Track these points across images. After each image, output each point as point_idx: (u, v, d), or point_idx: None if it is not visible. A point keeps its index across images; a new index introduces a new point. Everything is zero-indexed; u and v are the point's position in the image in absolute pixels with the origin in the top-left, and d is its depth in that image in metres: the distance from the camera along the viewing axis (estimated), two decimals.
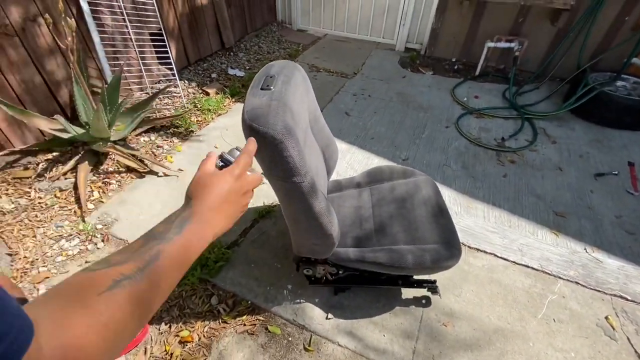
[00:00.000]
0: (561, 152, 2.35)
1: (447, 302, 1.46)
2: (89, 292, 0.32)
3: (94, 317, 0.31)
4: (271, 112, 0.92)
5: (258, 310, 1.40)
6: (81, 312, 0.30)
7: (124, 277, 0.34)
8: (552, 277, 1.58)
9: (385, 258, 1.23)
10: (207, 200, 0.45)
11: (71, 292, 0.32)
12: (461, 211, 1.88)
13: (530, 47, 3.14)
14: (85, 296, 0.31)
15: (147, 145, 2.18)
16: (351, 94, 2.94)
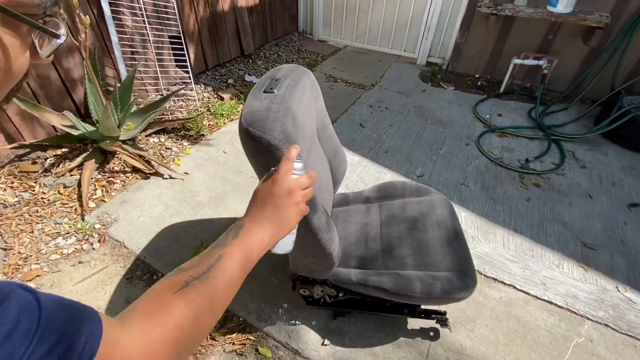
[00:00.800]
0: (591, 177, 2.17)
1: (458, 336, 1.31)
2: (167, 292, 0.39)
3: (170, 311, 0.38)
4: (270, 116, 0.84)
5: (249, 329, 1.30)
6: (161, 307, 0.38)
7: (193, 278, 0.41)
8: (579, 317, 1.41)
9: (391, 284, 1.11)
10: (255, 207, 0.53)
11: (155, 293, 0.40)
12: (478, 236, 1.73)
13: (560, 65, 2.98)
14: (164, 295, 0.39)
15: (156, 147, 2.16)
16: (367, 106, 2.85)
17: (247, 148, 0.85)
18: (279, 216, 0.52)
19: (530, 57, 2.94)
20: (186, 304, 0.39)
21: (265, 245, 0.50)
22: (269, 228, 0.51)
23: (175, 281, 0.41)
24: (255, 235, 0.49)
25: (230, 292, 0.45)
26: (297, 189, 0.54)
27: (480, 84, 3.27)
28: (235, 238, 0.47)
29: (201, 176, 1.99)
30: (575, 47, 2.88)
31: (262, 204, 0.53)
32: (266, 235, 0.50)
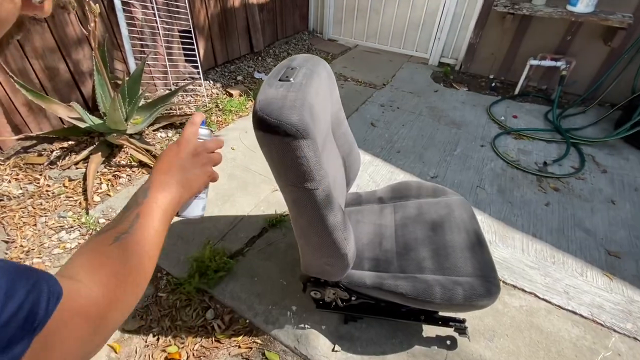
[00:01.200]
0: (613, 183, 2.08)
1: (477, 346, 1.24)
2: (102, 246, 0.41)
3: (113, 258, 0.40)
4: (287, 104, 0.78)
5: (256, 332, 1.24)
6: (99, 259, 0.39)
7: (120, 233, 0.42)
8: (605, 329, 1.32)
9: (408, 288, 1.04)
10: (160, 169, 0.51)
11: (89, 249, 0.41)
12: (496, 240, 1.66)
13: (578, 67, 2.89)
14: (100, 249, 0.40)
15: (163, 141, 2.11)
16: (379, 105, 2.79)
17: (262, 138, 0.79)
18: (186, 177, 0.52)
19: (548, 58, 2.85)
20: (123, 251, 0.41)
21: (176, 202, 0.50)
22: (176, 188, 0.51)
23: (105, 238, 0.42)
24: (163, 193, 0.49)
25: (156, 243, 0.46)
26: (203, 152, 0.55)
27: (494, 85, 3.18)
28: (146, 197, 0.47)
29: None
30: (594, 48, 2.79)
31: (167, 165, 0.52)
32: (175, 193, 0.50)
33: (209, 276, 1.37)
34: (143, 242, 0.43)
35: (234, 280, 1.40)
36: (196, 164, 0.53)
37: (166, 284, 1.37)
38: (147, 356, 1.16)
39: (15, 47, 1.71)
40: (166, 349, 1.17)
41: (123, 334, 1.21)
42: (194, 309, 1.29)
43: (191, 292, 1.33)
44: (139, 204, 0.46)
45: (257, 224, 1.66)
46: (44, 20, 1.78)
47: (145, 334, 1.22)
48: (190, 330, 1.23)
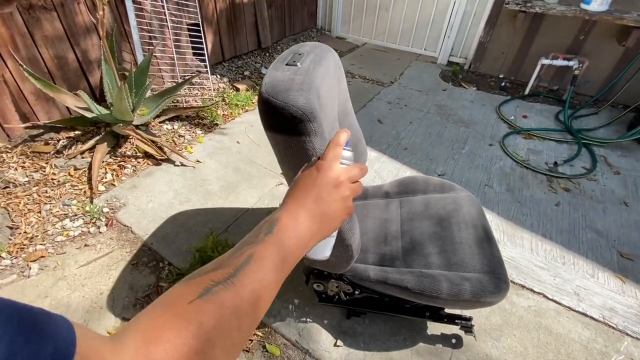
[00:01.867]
0: (626, 184, 2.03)
1: (483, 346, 1.20)
2: (180, 302, 0.29)
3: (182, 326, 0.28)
4: (294, 86, 0.76)
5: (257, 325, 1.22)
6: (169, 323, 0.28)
7: (215, 283, 0.31)
8: (617, 333, 1.28)
9: (414, 282, 1.01)
10: (295, 198, 0.42)
11: (162, 304, 0.30)
12: (504, 239, 1.62)
13: (591, 67, 2.83)
14: (175, 306, 0.29)
15: (169, 134, 2.11)
16: (386, 102, 2.76)
17: (267, 122, 0.78)
18: (323, 211, 0.42)
19: (560, 57, 2.80)
20: (203, 319, 0.29)
21: (304, 245, 0.40)
22: (310, 224, 0.40)
23: (192, 287, 0.31)
24: (293, 232, 0.39)
25: (262, 302, 0.34)
26: (346, 181, 0.44)
27: (504, 85, 3.13)
28: (270, 234, 0.37)
29: (213, 165, 1.93)
30: (608, 48, 2.73)
31: (303, 194, 0.42)
32: (307, 232, 0.40)
33: None
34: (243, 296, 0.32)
35: None
36: (336, 196, 0.43)
37: (168, 274, 1.36)
38: None
39: (25, 36, 1.72)
40: None
41: (123, 322, 1.20)
42: None
43: None
44: (258, 241, 0.36)
45: (260, 217, 1.64)
46: (54, 9, 1.78)
47: None
48: None
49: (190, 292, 0.30)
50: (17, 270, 1.32)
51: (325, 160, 0.44)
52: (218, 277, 0.32)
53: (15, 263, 1.34)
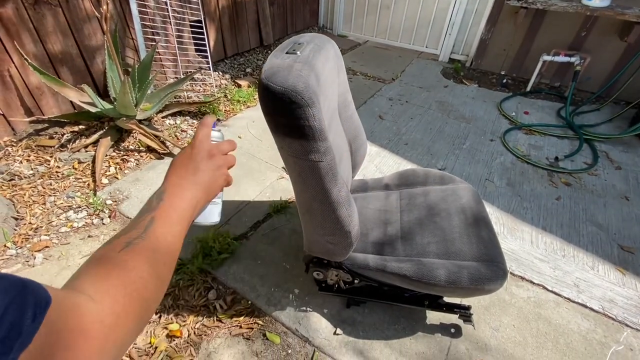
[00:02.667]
0: (627, 179, 2.02)
1: (482, 335, 1.21)
2: (111, 254, 0.36)
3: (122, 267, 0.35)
4: (293, 72, 0.78)
5: (258, 313, 1.23)
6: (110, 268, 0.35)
7: (133, 238, 0.38)
8: (617, 324, 1.28)
9: (412, 270, 1.02)
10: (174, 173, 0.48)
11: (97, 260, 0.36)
12: (504, 232, 1.62)
13: (593, 64, 2.83)
14: (108, 255, 0.36)
15: (172, 129, 2.13)
16: (387, 99, 2.77)
17: (267, 107, 0.79)
18: (202, 179, 0.49)
19: (561, 53, 2.80)
20: (134, 258, 0.36)
21: (192, 207, 0.46)
22: (193, 191, 0.47)
23: (115, 245, 0.37)
24: (179, 198, 0.45)
25: (173, 249, 0.42)
26: (218, 153, 0.52)
27: (505, 82, 3.13)
28: (161, 201, 0.44)
29: None
30: (610, 44, 2.73)
31: (181, 169, 0.49)
32: (192, 197, 0.46)
33: (212, 257, 1.37)
34: (158, 247, 0.39)
35: (237, 263, 1.39)
36: (211, 165, 0.51)
37: None
38: (149, 332, 1.16)
39: (30, 30, 1.74)
40: (168, 327, 1.17)
41: None
42: (196, 289, 1.29)
43: (194, 273, 1.33)
44: (154, 208, 0.43)
45: (261, 209, 1.65)
46: (58, 4, 1.81)
47: None
48: (192, 310, 1.23)
49: (116, 246, 0.37)
50: (22, 260, 1.34)
51: (197, 137, 0.51)
52: (132, 235, 0.39)
53: (20, 253, 1.36)
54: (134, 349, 1.11)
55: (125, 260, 0.35)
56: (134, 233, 0.39)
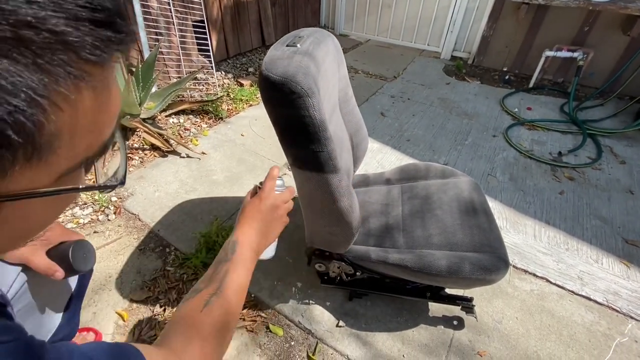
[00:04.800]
0: (632, 174, 2.01)
1: (485, 327, 1.21)
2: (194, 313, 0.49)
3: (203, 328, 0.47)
4: (293, 63, 0.79)
5: (261, 306, 1.24)
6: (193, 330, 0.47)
7: (210, 295, 0.50)
8: (621, 316, 1.27)
9: (413, 261, 1.03)
10: (246, 222, 0.62)
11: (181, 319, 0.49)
12: (507, 226, 1.62)
13: (596, 59, 2.81)
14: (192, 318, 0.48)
15: (175, 127, 2.15)
16: (389, 96, 2.78)
17: (267, 99, 0.80)
18: (266, 228, 0.62)
19: (564, 49, 2.79)
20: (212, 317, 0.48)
21: (257, 253, 0.61)
22: (258, 240, 0.61)
23: (197, 303, 0.50)
24: (248, 245, 0.59)
25: (241, 296, 0.55)
26: (281, 204, 0.65)
27: (507, 79, 3.13)
28: (234, 253, 0.57)
29: (218, 156, 1.97)
30: (613, 38, 2.71)
31: (251, 219, 0.62)
32: (257, 245, 0.61)
33: (216, 251, 1.38)
34: (230, 300, 0.51)
35: None
36: (275, 216, 0.63)
37: (174, 258, 1.39)
38: (154, 325, 1.18)
39: None
40: None
41: (131, 303, 1.23)
42: None
43: (198, 267, 1.34)
44: (228, 260, 0.55)
45: None
46: None
47: (153, 305, 1.23)
48: None
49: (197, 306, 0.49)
50: None
51: (264, 190, 0.65)
52: (211, 291, 0.51)
53: None
54: (139, 342, 1.13)
55: (204, 322, 0.47)
56: (212, 288, 0.51)
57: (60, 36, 0.17)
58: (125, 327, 1.17)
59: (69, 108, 0.19)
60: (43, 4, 0.17)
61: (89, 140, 0.23)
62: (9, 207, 0.21)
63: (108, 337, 1.14)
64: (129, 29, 0.22)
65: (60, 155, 0.21)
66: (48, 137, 0.19)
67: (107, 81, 0.22)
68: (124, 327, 1.17)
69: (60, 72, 0.18)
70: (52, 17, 0.17)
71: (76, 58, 0.19)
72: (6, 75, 0.16)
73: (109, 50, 0.20)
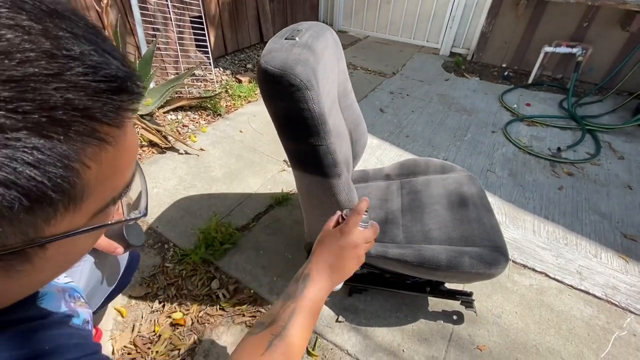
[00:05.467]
0: (630, 169, 2.01)
1: (484, 322, 1.21)
2: (256, 354, 0.46)
3: None
4: (291, 56, 0.78)
5: (261, 301, 1.24)
6: None
7: (274, 336, 0.47)
8: (620, 310, 1.28)
9: (413, 256, 1.02)
10: (322, 255, 0.56)
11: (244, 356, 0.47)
12: (506, 221, 1.62)
13: (595, 55, 2.81)
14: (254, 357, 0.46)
15: (173, 124, 2.14)
16: (388, 92, 2.77)
17: (266, 91, 0.79)
18: (342, 266, 0.56)
19: (563, 44, 2.78)
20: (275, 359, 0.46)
21: (328, 291, 0.55)
22: (333, 277, 0.55)
23: (260, 342, 0.47)
24: (320, 284, 0.54)
25: (305, 340, 0.51)
26: (362, 243, 0.58)
27: (507, 75, 3.12)
28: (305, 288, 0.52)
29: (217, 153, 1.96)
30: (612, 34, 2.71)
31: (328, 253, 0.56)
32: (329, 284, 0.55)
33: (214, 247, 1.38)
34: (293, 344, 0.48)
35: (240, 253, 1.40)
36: (354, 254, 0.57)
37: (173, 254, 1.39)
38: (153, 321, 1.17)
39: None
40: (171, 315, 1.18)
41: (130, 299, 1.23)
42: (199, 278, 1.30)
43: (197, 263, 1.34)
44: (298, 295, 0.52)
45: (263, 201, 1.66)
46: None
47: (152, 301, 1.23)
48: (195, 299, 1.24)
49: (259, 347, 0.46)
50: None
51: (348, 225, 0.58)
52: (275, 331, 0.48)
53: None
54: (138, 337, 1.13)
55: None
56: (277, 327, 0.48)
57: (84, 111, 0.21)
58: (124, 323, 1.17)
59: (94, 164, 0.23)
60: (68, 86, 0.20)
61: (113, 183, 0.27)
62: (54, 247, 0.25)
63: (107, 333, 1.13)
64: (140, 87, 0.25)
65: (91, 200, 0.25)
66: (80, 189, 0.23)
67: (125, 130, 0.26)
68: (123, 323, 1.17)
69: (86, 140, 0.22)
70: (77, 96, 0.21)
71: (98, 125, 0.22)
72: (43, 151, 0.20)
73: (125, 112, 0.24)
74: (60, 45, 0.21)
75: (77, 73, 0.21)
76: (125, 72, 0.24)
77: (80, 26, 0.23)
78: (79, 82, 0.21)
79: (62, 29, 0.21)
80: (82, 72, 0.21)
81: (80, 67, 0.21)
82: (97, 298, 0.80)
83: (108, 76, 0.22)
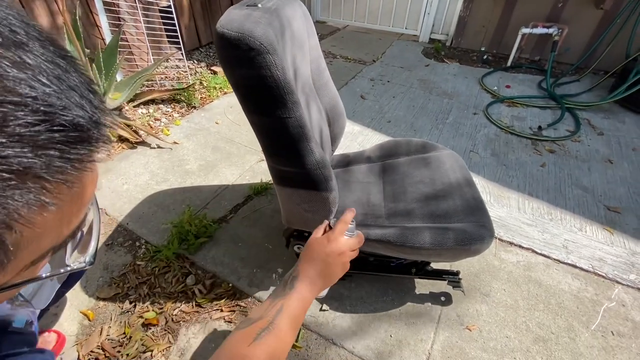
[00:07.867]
0: (610, 144, 2.02)
1: (473, 301, 1.17)
2: (243, 344, 0.48)
3: None
4: (250, 19, 0.71)
5: (240, 295, 1.17)
6: None
7: (261, 329, 0.49)
8: (608, 281, 1.26)
9: (396, 235, 0.97)
10: (310, 261, 0.59)
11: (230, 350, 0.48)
12: (491, 200, 1.59)
13: (571, 34, 2.82)
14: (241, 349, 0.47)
15: (144, 117, 2.03)
16: (368, 79, 2.72)
17: (224, 58, 0.72)
18: (329, 271, 0.59)
19: (540, 25, 2.79)
20: (260, 352, 0.46)
21: (314, 295, 0.57)
22: (319, 281, 0.58)
23: (247, 334, 0.48)
24: (308, 287, 0.56)
25: (293, 335, 0.52)
26: (347, 250, 0.61)
27: (486, 58, 3.11)
28: (292, 289, 0.55)
29: (191, 145, 1.87)
30: (586, 13, 2.72)
31: (316, 259, 0.59)
32: (316, 287, 0.58)
33: (189, 242, 1.30)
34: (280, 337, 0.49)
35: (217, 246, 1.33)
36: (339, 261, 0.60)
37: (144, 252, 1.30)
38: (123, 322, 1.09)
39: None
40: (143, 315, 1.10)
41: (97, 301, 1.14)
42: (173, 275, 1.22)
43: (170, 258, 1.26)
44: (285, 294, 0.54)
45: (241, 192, 1.59)
46: None
47: (122, 301, 1.14)
48: (169, 296, 1.16)
49: (247, 338, 0.47)
50: None
51: (334, 233, 0.61)
52: (262, 325, 0.49)
53: None
54: (106, 341, 1.04)
55: (252, 356, 0.46)
56: (264, 322, 0.49)
57: (23, 172, 0.17)
58: (91, 326, 1.08)
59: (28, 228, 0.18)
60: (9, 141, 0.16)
61: (57, 233, 0.22)
62: None
63: (72, 338, 1.04)
64: (104, 133, 0.21)
65: (20, 258, 0.20)
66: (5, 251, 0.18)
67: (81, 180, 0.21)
68: (89, 326, 1.08)
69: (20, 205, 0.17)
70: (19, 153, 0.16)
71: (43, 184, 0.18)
72: None
73: (82, 165, 0.20)
74: (7, 87, 0.16)
75: (23, 124, 0.16)
76: (90, 117, 0.19)
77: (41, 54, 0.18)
78: (24, 134, 0.16)
79: (12, 62, 0.17)
80: (30, 122, 0.17)
81: (29, 116, 0.17)
82: (45, 293, 0.72)
83: (66, 124, 0.18)
